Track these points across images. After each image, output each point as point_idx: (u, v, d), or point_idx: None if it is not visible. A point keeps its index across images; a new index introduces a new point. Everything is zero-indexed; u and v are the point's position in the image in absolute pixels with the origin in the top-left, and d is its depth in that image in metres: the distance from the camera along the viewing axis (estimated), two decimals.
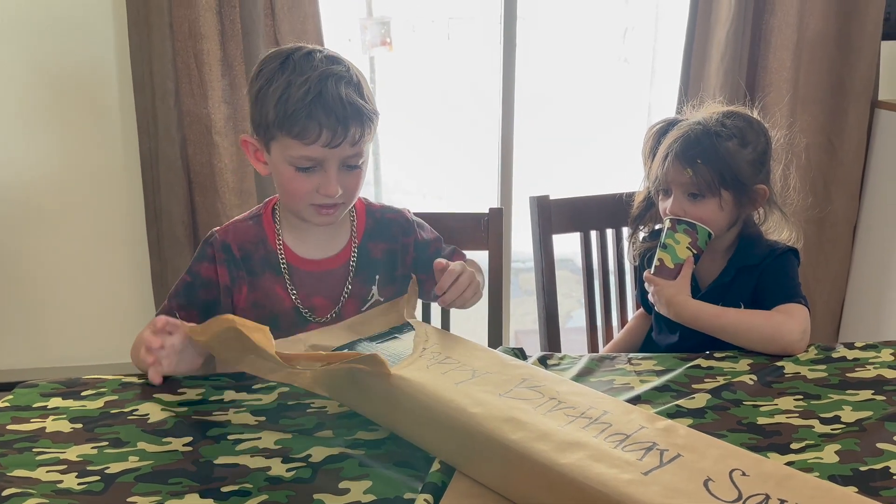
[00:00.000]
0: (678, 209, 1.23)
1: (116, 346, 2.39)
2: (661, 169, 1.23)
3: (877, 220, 2.47)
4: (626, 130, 3.16)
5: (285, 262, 1.18)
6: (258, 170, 1.15)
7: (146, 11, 2.05)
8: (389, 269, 1.24)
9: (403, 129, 3.46)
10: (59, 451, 0.87)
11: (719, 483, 0.71)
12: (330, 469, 0.83)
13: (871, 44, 2.30)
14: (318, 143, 1.04)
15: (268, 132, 1.07)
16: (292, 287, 1.18)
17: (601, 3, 3.55)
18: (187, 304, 1.17)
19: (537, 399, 0.85)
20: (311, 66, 1.04)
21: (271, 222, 1.20)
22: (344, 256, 1.21)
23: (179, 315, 1.14)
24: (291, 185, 1.09)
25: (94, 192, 2.31)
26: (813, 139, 2.38)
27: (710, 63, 2.29)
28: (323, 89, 1.02)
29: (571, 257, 1.57)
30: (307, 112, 1.02)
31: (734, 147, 1.21)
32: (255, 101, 1.07)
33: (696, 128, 1.22)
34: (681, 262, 1.20)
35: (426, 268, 1.20)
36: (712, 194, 1.21)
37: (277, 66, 1.05)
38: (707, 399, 0.98)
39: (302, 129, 1.03)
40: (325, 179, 1.07)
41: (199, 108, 2.15)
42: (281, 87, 1.03)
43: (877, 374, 1.05)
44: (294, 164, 1.07)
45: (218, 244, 1.18)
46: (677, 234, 1.21)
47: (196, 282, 1.17)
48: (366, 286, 1.22)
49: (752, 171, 1.22)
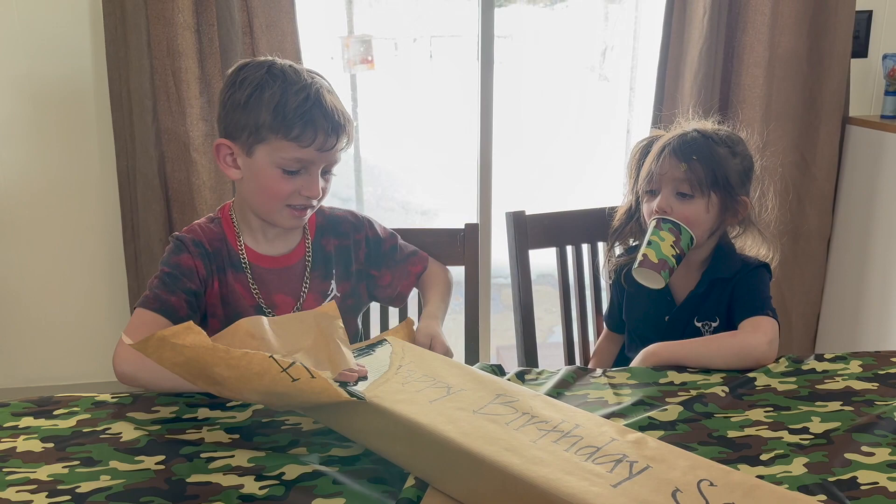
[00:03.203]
0: (666, 205, 1.25)
1: (91, 365, 2.38)
2: (656, 163, 1.26)
3: (850, 234, 2.51)
4: (605, 147, 3.19)
5: (246, 260, 1.22)
6: (228, 174, 1.19)
7: (124, 29, 2.06)
8: (344, 264, 1.29)
9: (384, 146, 3.47)
10: (30, 471, 0.86)
11: (687, 494, 0.71)
12: (303, 486, 0.82)
13: (840, 61, 2.35)
14: (312, 146, 1.12)
15: (256, 135, 1.12)
16: (255, 285, 1.22)
17: (581, 22, 3.59)
18: (173, 289, 1.15)
19: (511, 414, 0.86)
20: (300, 76, 1.13)
21: (230, 225, 1.24)
22: (299, 252, 1.26)
23: (169, 300, 1.13)
24: (275, 187, 1.15)
25: (71, 209, 2.30)
26: (786, 155, 2.42)
27: (685, 81, 2.33)
28: (320, 98, 1.12)
29: (553, 272, 1.58)
30: (308, 117, 1.10)
31: (726, 153, 1.26)
32: (243, 106, 1.12)
33: (693, 131, 1.27)
34: (664, 257, 1.21)
35: (379, 263, 1.32)
36: (702, 194, 1.24)
37: (265, 74, 1.12)
38: (679, 411, 0.99)
39: (301, 132, 1.10)
40: (309, 181, 1.15)
41: (177, 126, 2.15)
42: (277, 93, 1.10)
43: (845, 385, 1.07)
44: (282, 166, 1.13)
45: (189, 240, 1.20)
46: (662, 231, 1.22)
47: (177, 272, 1.17)
48: (325, 281, 1.26)
49: (739, 180, 1.27)
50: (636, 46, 2.82)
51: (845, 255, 2.54)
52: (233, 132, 1.15)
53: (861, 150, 2.45)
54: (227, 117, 1.15)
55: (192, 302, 1.17)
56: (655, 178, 1.27)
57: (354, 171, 3.10)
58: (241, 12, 2.11)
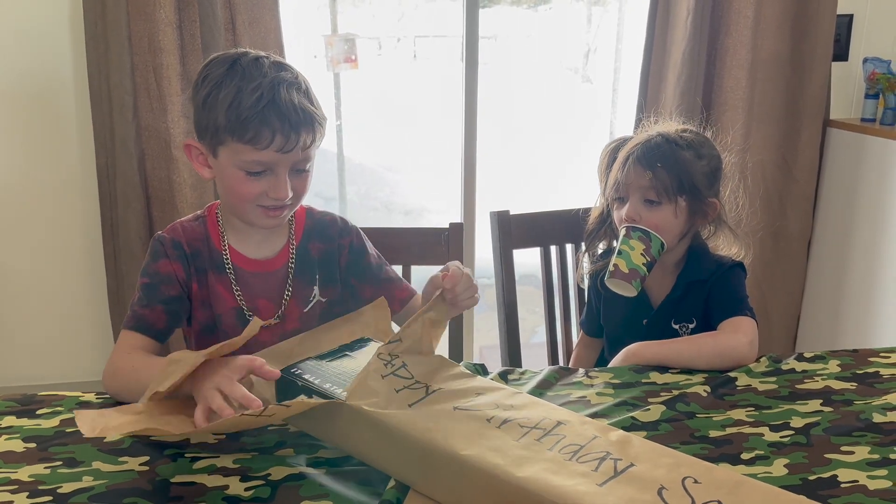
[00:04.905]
0: (634, 213, 1.26)
1: (70, 365, 2.36)
2: (622, 172, 1.26)
3: (830, 235, 2.55)
4: (589, 148, 3.21)
5: (230, 262, 1.18)
6: (201, 174, 1.15)
7: (104, 25, 2.03)
8: (328, 269, 1.25)
9: (368, 145, 3.46)
10: (11, 472, 0.85)
11: (673, 491, 0.72)
12: (289, 487, 0.82)
13: (822, 64, 2.38)
14: (270, 149, 1.05)
15: (216, 137, 1.07)
16: (237, 288, 1.18)
17: (564, 23, 3.61)
18: (149, 302, 1.13)
19: (492, 412, 0.86)
20: (260, 72, 1.05)
21: (216, 224, 1.20)
22: (283, 257, 1.22)
23: (146, 315, 1.12)
24: (241, 189, 1.10)
25: (49, 206, 2.27)
26: (768, 157, 2.45)
27: (668, 83, 2.35)
28: (275, 95, 1.04)
29: (537, 273, 1.58)
30: (260, 118, 1.03)
31: (691, 157, 1.25)
32: (203, 106, 1.07)
33: (657, 137, 1.27)
34: (635, 267, 1.22)
35: (360, 275, 1.26)
36: (669, 200, 1.24)
37: (224, 72, 1.06)
38: (661, 411, 0.99)
39: (255, 134, 1.04)
40: (276, 183, 1.09)
41: (158, 123, 2.13)
42: (231, 93, 1.04)
43: (825, 385, 1.08)
44: (244, 168, 1.07)
45: (168, 242, 1.17)
46: (632, 240, 1.23)
47: (155, 280, 1.15)
48: (307, 287, 1.22)
49: (707, 182, 1.27)
50: (619, 48, 2.84)
51: (825, 256, 2.57)
52: (199, 132, 1.11)
53: (841, 153, 2.48)
54: (194, 116, 1.11)
55: (173, 310, 1.14)
56: (622, 187, 1.27)
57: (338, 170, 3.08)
58: (224, 9, 2.10)
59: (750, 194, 2.37)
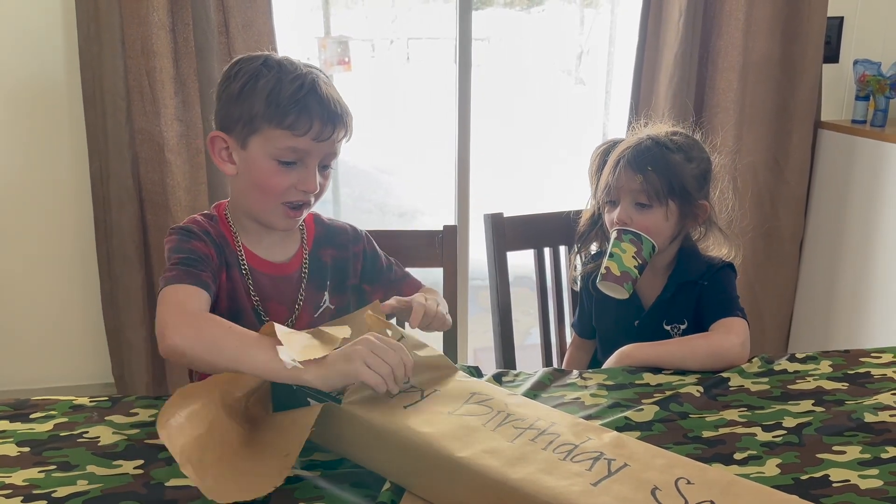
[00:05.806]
0: (625, 216, 1.26)
1: (64, 368, 2.35)
2: (612, 176, 1.27)
3: (822, 236, 2.56)
4: (582, 149, 3.22)
5: (246, 263, 1.17)
6: (223, 169, 1.14)
7: (97, 28, 2.03)
8: (340, 277, 1.25)
9: (361, 147, 3.47)
10: (5, 476, 0.85)
11: (666, 492, 0.73)
12: (284, 490, 0.82)
13: (812, 67, 2.39)
14: (308, 136, 1.07)
15: (250, 125, 1.08)
16: (253, 288, 1.17)
17: (557, 26, 3.62)
18: (194, 265, 1.06)
19: (486, 414, 0.86)
20: (295, 67, 1.10)
21: (227, 224, 1.19)
22: (297, 262, 1.22)
23: (192, 273, 1.05)
24: (270, 181, 1.10)
25: (43, 209, 2.27)
26: (759, 158, 2.46)
27: (660, 85, 2.36)
28: (315, 86, 1.08)
29: (531, 274, 1.59)
30: (302, 104, 1.06)
31: (681, 160, 1.26)
32: (238, 96, 1.09)
33: (647, 140, 1.27)
34: (626, 269, 1.22)
35: (373, 279, 1.28)
36: (660, 203, 1.25)
37: (260, 66, 1.09)
38: (655, 411, 1.00)
39: (295, 119, 1.06)
40: (305, 175, 1.10)
41: (152, 126, 2.13)
42: (272, 82, 1.07)
43: (816, 385, 1.09)
44: (278, 156, 1.09)
45: (196, 229, 1.13)
46: (623, 243, 1.24)
47: (194, 256, 1.08)
48: (318, 293, 1.23)
49: (697, 185, 1.27)
50: (612, 51, 2.85)
51: (817, 257, 2.58)
52: (228, 125, 1.11)
53: (832, 154, 2.50)
54: (221, 110, 1.11)
55: (213, 281, 1.09)
56: (613, 191, 1.28)
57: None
58: (217, 12, 2.09)
59: (741, 196, 2.38)
